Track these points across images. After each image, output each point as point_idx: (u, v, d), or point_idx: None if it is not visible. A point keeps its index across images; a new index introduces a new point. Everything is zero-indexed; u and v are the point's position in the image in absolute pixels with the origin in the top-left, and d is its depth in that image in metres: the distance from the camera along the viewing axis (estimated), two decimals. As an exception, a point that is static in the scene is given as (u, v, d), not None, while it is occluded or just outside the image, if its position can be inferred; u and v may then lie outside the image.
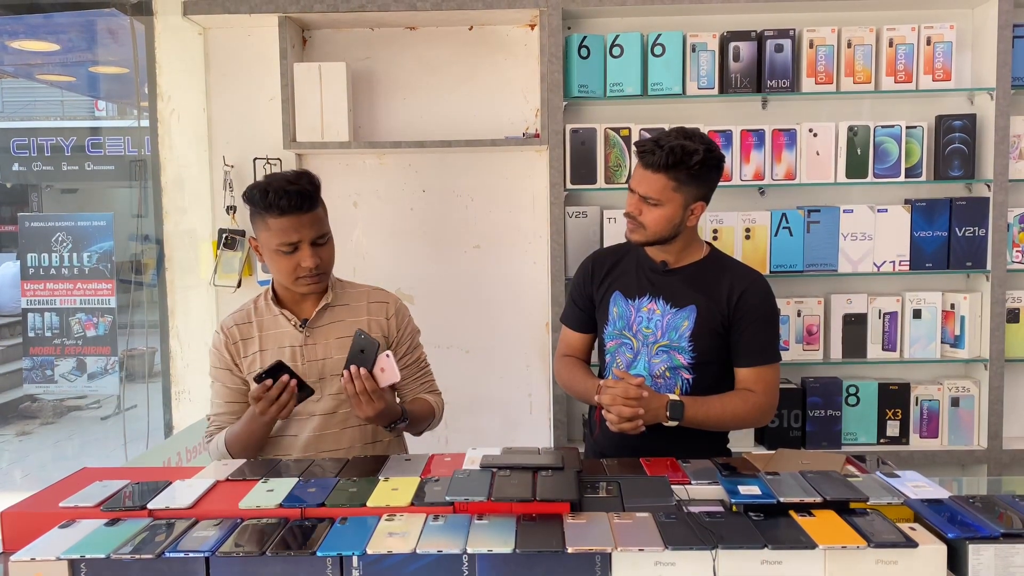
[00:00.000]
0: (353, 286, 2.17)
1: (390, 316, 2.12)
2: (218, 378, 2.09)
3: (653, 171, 1.98)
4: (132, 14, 3.10)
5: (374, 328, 2.09)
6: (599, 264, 2.24)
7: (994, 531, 1.34)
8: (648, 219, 2.02)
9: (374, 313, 2.11)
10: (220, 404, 2.09)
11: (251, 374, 2.04)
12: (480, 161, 3.07)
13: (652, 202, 2.00)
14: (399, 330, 2.13)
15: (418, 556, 1.32)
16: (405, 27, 3.04)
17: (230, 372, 2.07)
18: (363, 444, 2.08)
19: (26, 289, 3.27)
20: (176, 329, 3.09)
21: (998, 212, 2.85)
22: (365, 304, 2.12)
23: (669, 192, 1.99)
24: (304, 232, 1.93)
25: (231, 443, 2.00)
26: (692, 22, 2.95)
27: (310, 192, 1.93)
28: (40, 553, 1.36)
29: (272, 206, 1.90)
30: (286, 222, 1.91)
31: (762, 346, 2.07)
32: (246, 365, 2.06)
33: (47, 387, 3.37)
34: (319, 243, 1.97)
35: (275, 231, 1.93)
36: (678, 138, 1.98)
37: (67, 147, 5.54)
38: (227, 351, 2.06)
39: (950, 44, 2.85)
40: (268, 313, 2.08)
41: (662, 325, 2.08)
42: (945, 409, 2.95)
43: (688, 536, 1.34)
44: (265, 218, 1.93)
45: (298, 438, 2.06)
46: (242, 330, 2.08)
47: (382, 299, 2.15)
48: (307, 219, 1.93)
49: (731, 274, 2.09)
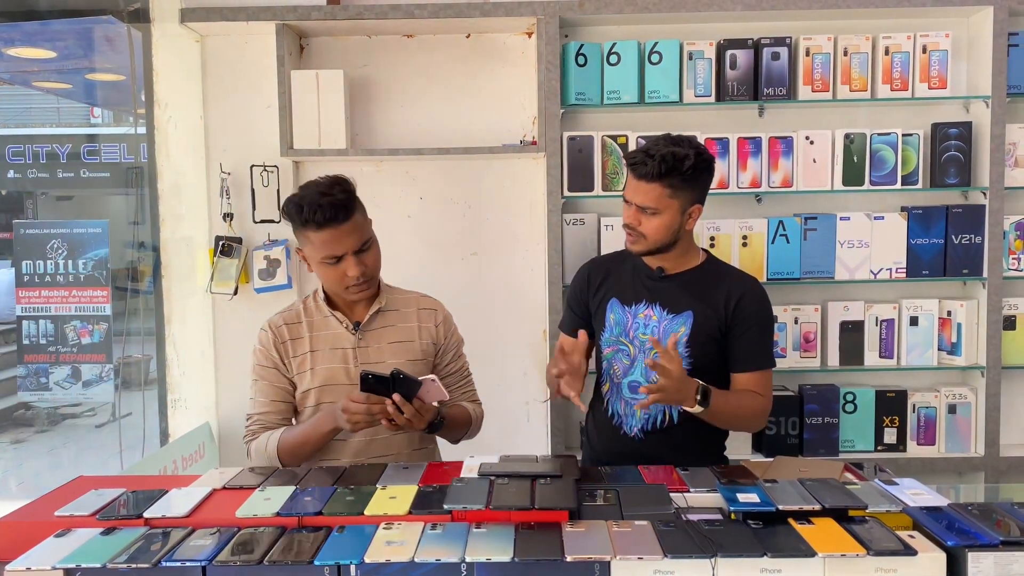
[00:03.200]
0: (401, 292, 2.17)
1: (439, 323, 2.14)
2: (263, 376, 2.06)
3: (647, 181, 1.99)
4: (129, 21, 3.09)
5: (423, 334, 2.10)
6: (596, 271, 2.25)
7: (993, 539, 1.34)
8: (648, 228, 2.03)
9: (424, 320, 2.13)
10: (264, 403, 2.06)
11: (298, 374, 2.04)
12: (477, 169, 3.07)
13: (650, 211, 2.01)
14: (446, 337, 2.15)
15: (416, 565, 1.32)
16: (402, 35, 3.05)
17: (277, 371, 2.05)
18: (411, 451, 2.09)
19: (21, 296, 3.26)
20: (172, 336, 3.08)
21: (994, 220, 2.86)
22: (415, 311, 2.13)
23: (665, 200, 2.00)
24: (345, 243, 1.92)
25: (286, 448, 1.97)
26: (689, 30, 2.96)
27: (343, 201, 1.91)
28: (35, 562, 1.35)
29: (309, 221, 1.89)
30: (326, 235, 1.91)
31: (761, 351, 2.08)
32: (295, 365, 2.05)
33: (42, 395, 3.36)
34: (362, 250, 1.96)
35: (317, 245, 1.93)
36: (667, 146, 1.99)
37: (63, 154, 5.52)
38: (275, 350, 2.05)
39: (946, 52, 2.87)
40: (319, 314, 2.08)
41: (659, 331, 2.08)
42: (942, 416, 2.95)
43: (687, 544, 1.34)
44: (305, 232, 1.94)
45: (348, 443, 2.05)
46: (291, 330, 2.07)
47: (431, 306, 2.17)
48: (346, 229, 1.91)
49: (728, 280, 2.10)
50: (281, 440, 1.98)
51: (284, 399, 2.06)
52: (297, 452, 1.97)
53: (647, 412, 2.10)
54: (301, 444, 1.96)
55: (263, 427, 2.04)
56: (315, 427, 1.95)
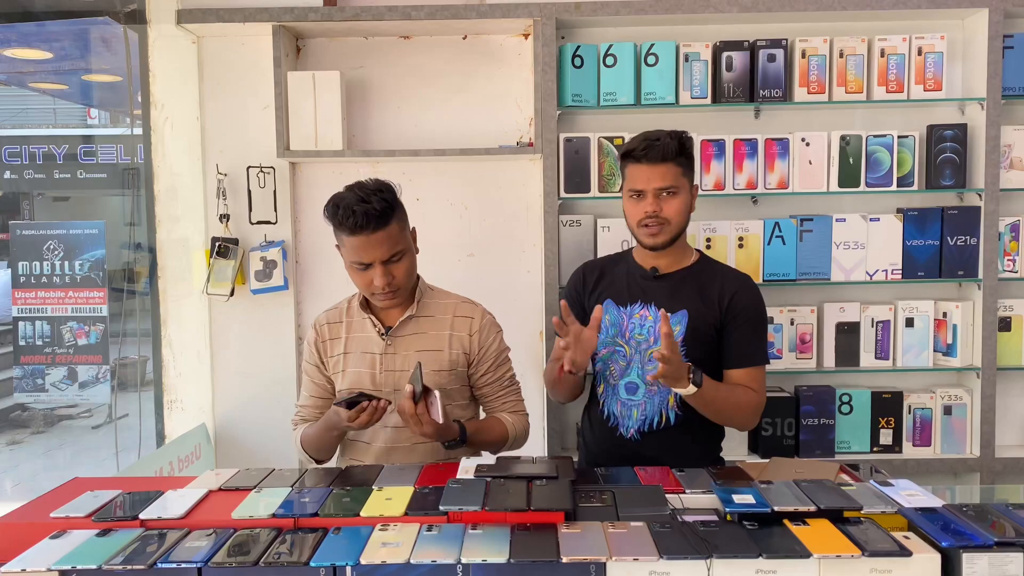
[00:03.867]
0: (444, 295, 2.15)
1: (473, 332, 2.09)
2: (307, 372, 2.14)
3: (661, 163, 2.03)
4: (125, 23, 3.09)
5: (454, 343, 2.07)
6: (591, 273, 2.26)
7: (988, 540, 1.34)
8: (671, 211, 2.05)
9: (457, 328, 2.08)
10: (305, 397, 2.15)
11: (334, 373, 2.08)
12: (474, 170, 3.07)
13: (671, 192, 2.05)
14: (481, 348, 2.09)
15: (412, 566, 1.32)
16: (399, 36, 3.05)
17: (317, 369, 2.12)
18: (435, 459, 2.05)
19: (17, 297, 3.26)
20: (169, 338, 3.08)
21: (989, 221, 2.87)
22: (450, 317, 2.09)
23: (681, 178, 2.06)
24: (373, 252, 1.92)
25: (308, 444, 2.06)
26: (685, 32, 2.96)
27: (378, 212, 1.89)
28: (31, 564, 1.35)
29: (342, 224, 1.90)
30: (356, 241, 1.91)
31: (754, 347, 2.10)
32: (331, 365, 2.09)
33: (38, 396, 3.36)
34: (392, 261, 1.95)
35: (348, 248, 1.95)
36: (660, 132, 2.07)
37: (59, 155, 5.52)
38: (316, 348, 2.11)
39: (941, 54, 2.87)
40: (357, 315, 2.10)
41: (654, 331, 2.09)
42: (938, 417, 2.95)
43: (682, 545, 1.34)
44: (339, 234, 1.95)
45: (371, 446, 2.08)
46: (332, 329, 2.11)
47: (468, 313, 2.11)
48: (376, 239, 1.91)
49: (722, 278, 2.13)
50: (303, 436, 2.07)
51: (322, 395, 2.13)
52: (317, 448, 2.05)
53: (643, 413, 2.11)
54: (316, 441, 2.03)
55: (303, 419, 2.14)
56: (324, 426, 1.99)
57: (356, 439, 2.10)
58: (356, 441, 2.10)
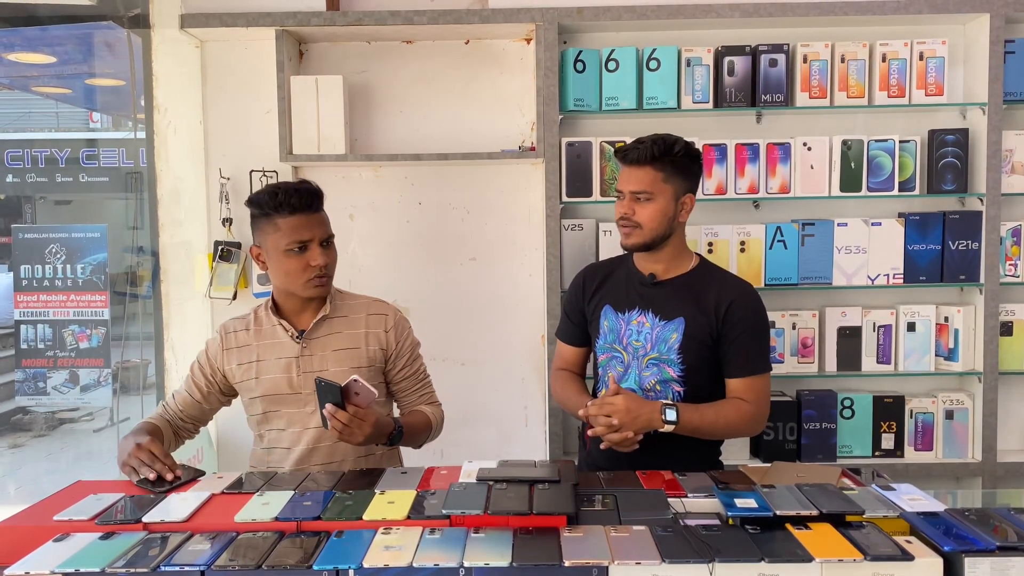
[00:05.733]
0: (353, 297, 2.17)
1: (388, 329, 2.12)
2: (192, 371, 2.14)
3: (639, 166, 2.04)
4: (129, 27, 3.10)
5: (371, 340, 2.09)
6: (591, 278, 2.26)
7: (990, 544, 1.34)
8: (643, 216, 2.05)
9: (372, 325, 2.11)
10: (180, 391, 2.14)
11: (242, 381, 2.07)
12: (476, 174, 3.08)
13: (645, 196, 2.04)
14: (397, 343, 2.13)
15: (415, 570, 1.32)
16: (402, 41, 3.06)
17: (203, 373, 2.11)
18: (356, 457, 2.07)
19: (19, 301, 3.26)
20: (171, 341, 3.08)
21: (991, 226, 2.87)
22: (364, 316, 2.12)
23: (659, 184, 2.04)
24: (315, 230, 1.98)
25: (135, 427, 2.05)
26: (687, 37, 2.97)
27: (317, 192, 2.01)
28: (34, 567, 1.35)
29: (283, 205, 1.94)
30: (297, 220, 1.96)
31: (752, 356, 2.08)
32: (239, 373, 2.07)
33: (39, 399, 3.35)
34: (328, 244, 2.02)
35: (285, 230, 1.96)
36: (656, 135, 2.06)
37: (61, 159, 5.52)
38: (211, 356, 2.11)
39: (942, 59, 2.88)
40: (268, 323, 2.09)
41: (651, 338, 2.09)
42: (939, 422, 2.95)
43: (685, 549, 1.34)
44: (274, 219, 1.97)
45: (291, 451, 2.06)
46: (239, 337, 2.10)
47: (381, 311, 2.15)
48: (317, 218, 2.00)
49: (719, 285, 2.10)
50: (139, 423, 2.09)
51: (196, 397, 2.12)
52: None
53: None
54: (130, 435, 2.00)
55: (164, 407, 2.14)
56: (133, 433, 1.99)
57: (274, 446, 2.08)
58: (273, 448, 2.08)
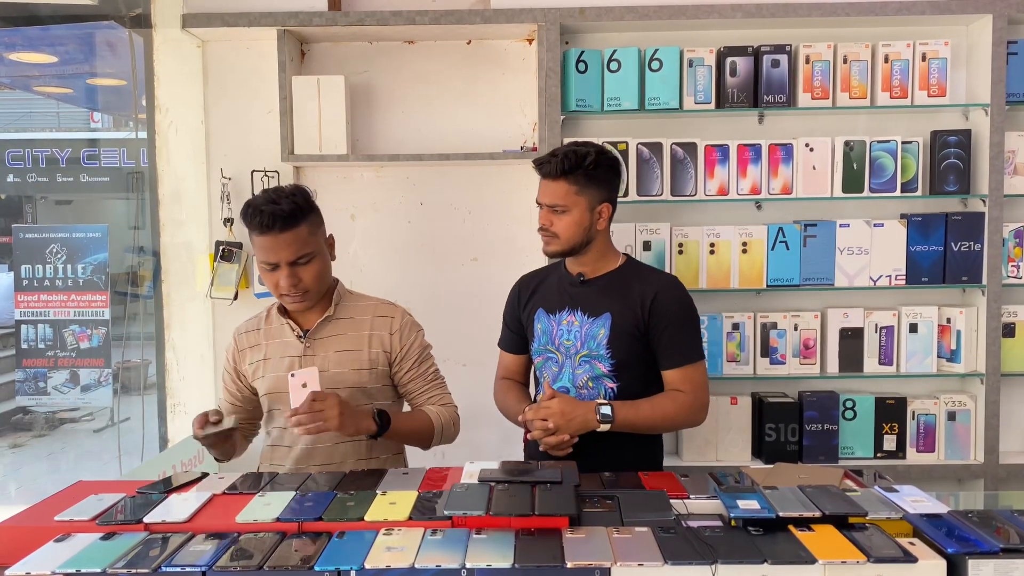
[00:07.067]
0: (362, 298, 2.16)
1: (394, 331, 2.10)
2: (223, 378, 2.20)
3: (552, 180, 2.08)
4: (131, 27, 3.10)
5: (374, 342, 2.08)
6: (525, 286, 2.32)
7: (993, 546, 1.34)
8: (559, 227, 2.10)
9: (377, 328, 2.10)
10: (220, 400, 2.22)
11: (255, 380, 2.10)
12: (478, 174, 3.07)
13: (559, 210, 2.08)
14: (403, 346, 2.10)
15: (417, 571, 1.31)
16: (403, 41, 3.06)
17: (231, 377, 2.16)
18: (356, 460, 2.07)
19: (20, 300, 3.26)
20: (172, 341, 3.08)
21: (993, 227, 2.87)
22: (370, 318, 2.11)
23: (572, 196, 2.07)
24: (280, 253, 1.93)
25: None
26: (689, 37, 2.96)
27: (286, 213, 1.90)
28: (35, 567, 1.35)
29: (251, 223, 1.93)
30: (264, 241, 1.93)
31: (683, 347, 2.11)
32: (251, 372, 2.11)
33: (40, 399, 3.35)
34: (299, 263, 1.96)
35: (257, 248, 1.97)
36: (570, 147, 2.10)
37: (62, 158, 5.52)
38: (232, 358, 2.15)
39: (945, 60, 2.87)
40: (276, 322, 2.11)
41: (581, 335, 2.13)
42: (942, 423, 2.95)
43: (687, 551, 1.34)
44: (250, 234, 1.97)
45: (292, 450, 2.08)
46: (250, 337, 2.13)
47: (387, 314, 2.13)
48: (284, 239, 1.91)
49: (643, 279, 2.14)
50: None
51: (233, 401, 2.17)
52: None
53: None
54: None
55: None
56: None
57: (276, 444, 2.11)
58: (276, 447, 2.11)
